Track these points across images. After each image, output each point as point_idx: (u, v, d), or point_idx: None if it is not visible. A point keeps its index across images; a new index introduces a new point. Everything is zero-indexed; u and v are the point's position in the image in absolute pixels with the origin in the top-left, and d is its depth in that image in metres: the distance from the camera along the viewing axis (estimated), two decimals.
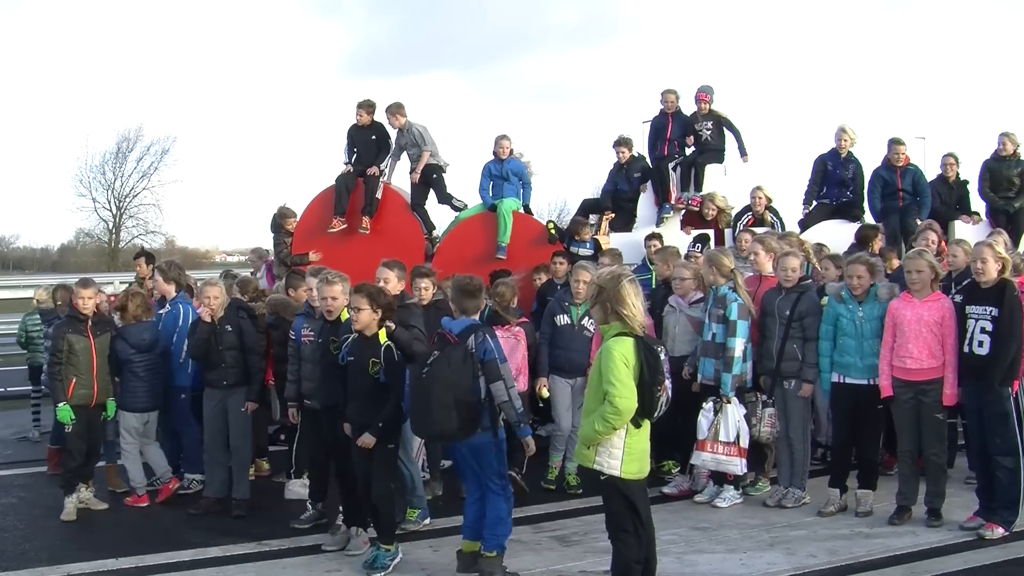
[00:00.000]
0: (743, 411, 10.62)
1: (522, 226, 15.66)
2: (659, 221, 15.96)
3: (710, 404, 10.68)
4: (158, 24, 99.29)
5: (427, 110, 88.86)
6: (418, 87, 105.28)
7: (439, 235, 16.49)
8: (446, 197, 16.21)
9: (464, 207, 16.24)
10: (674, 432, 10.98)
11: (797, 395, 10.69)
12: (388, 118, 16.04)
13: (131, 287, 13.41)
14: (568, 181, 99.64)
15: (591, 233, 15.71)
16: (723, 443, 10.52)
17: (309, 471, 10.80)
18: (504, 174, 15.82)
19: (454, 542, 9.08)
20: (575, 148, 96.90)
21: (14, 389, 18.54)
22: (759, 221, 15.42)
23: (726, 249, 12.40)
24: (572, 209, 21.68)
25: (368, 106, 16.10)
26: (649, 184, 16.29)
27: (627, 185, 16.33)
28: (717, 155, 16.37)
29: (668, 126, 16.38)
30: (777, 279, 10.93)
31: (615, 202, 16.44)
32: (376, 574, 8.82)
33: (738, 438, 10.51)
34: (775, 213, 15.79)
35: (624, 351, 6.98)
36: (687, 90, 16.55)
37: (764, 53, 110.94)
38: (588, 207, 17.31)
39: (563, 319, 11.54)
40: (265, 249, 17.63)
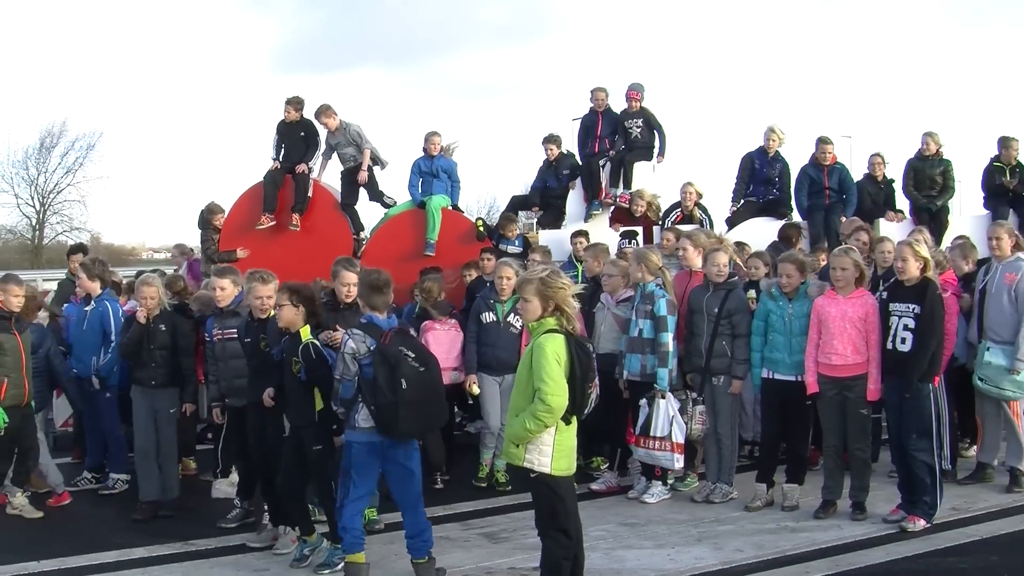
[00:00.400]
0: (677, 405, 10.67)
1: (451, 223, 15.67)
2: (587, 217, 16.02)
3: (644, 400, 10.71)
4: (83, 17, 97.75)
5: (357, 106, 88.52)
6: (348, 83, 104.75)
7: (366, 235, 16.41)
8: (377, 195, 16.19)
9: (393, 204, 16.21)
10: (602, 428, 11.04)
11: (726, 392, 10.78)
12: (319, 120, 15.99)
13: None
14: (497, 178, 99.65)
15: (518, 230, 15.74)
16: (656, 438, 10.56)
17: (236, 469, 10.73)
18: (434, 171, 15.81)
19: (381, 539, 9.09)
20: (505, 145, 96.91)
21: None
22: (688, 218, 15.51)
23: (653, 246, 12.48)
24: (501, 206, 21.67)
25: (296, 102, 16.03)
26: (578, 181, 16.33)
27: (556, 182, 16.34)
28: (646, 152, 16.39)
29: (598, 124, 16.42)
30: (704, 275, 11.01)
31: (544, 199, 16.45)
32: (324, 570, 8.83)
33: (671, 433, 10.56)
34: (704, 210, 15.89)
35: (556, 348, 6.98)
36: (617, 87, 16.63)
37: (693, 51, 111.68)
38: (517, 204, 17.32)
39: (489, 316, 11.56)
40: (189, 246, 17.50)
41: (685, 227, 14.03)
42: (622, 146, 16.28)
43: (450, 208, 15.88)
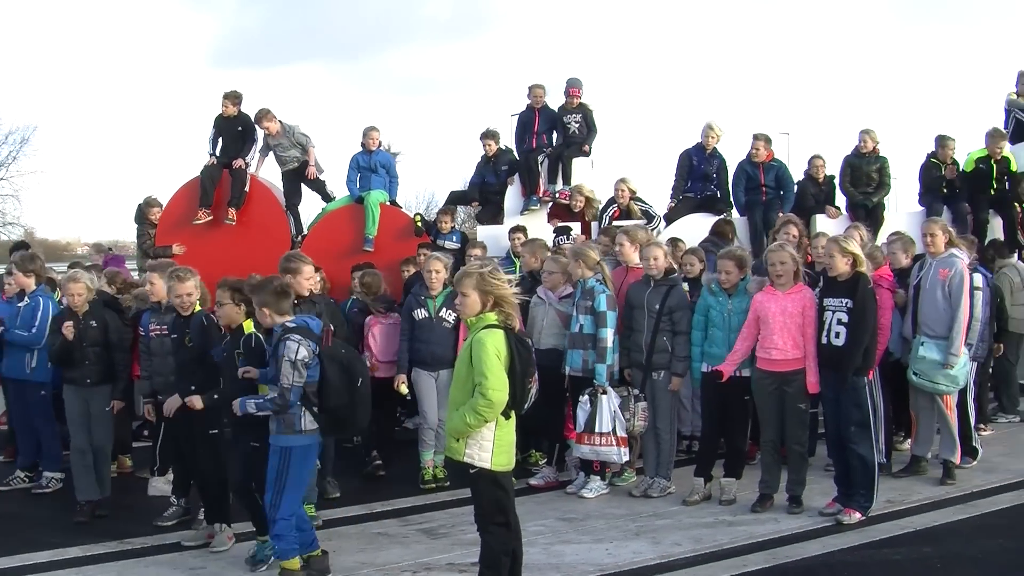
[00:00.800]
0: (618, 401, 10.68)
1: (389, 218, 15.63)
2: (524, 210, 16.05)
3: (586, 397, 10.71)
4: (17, 9, 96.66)
5: (297, 102, 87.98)
6: (288, 78, 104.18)
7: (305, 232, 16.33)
8: (324, 192, 16.18)
9: (332, 198, 16.17)
10: (540, 424, 11.05)
11: (666, 387, 10.80)
12: (260, 124, 15.92)
13: None
14: (436, 173, 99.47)
15: (454, 224, 15.76)
16: (600, 434, 10.56)
17: (173, 467, 10.62)
18: (372, 166, 15.79)
19: (319, 536, 9.03)
20: (444, 140, 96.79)
21: None
22: (625, 213, 15.56)
23: (590, 242, 12.49)
24: (440, 201, 21.66)
25: (234, 97, 15.94)
26: (517, 176, 16.35)
27: (494, 178, 16.37)
28: (584, 147, 16.45)
29: (535, 120, 16.47)
30: (643, 271, 11.04)
31: (482, 194, 16.48)
32: (259, 567, 8.77)
33: (615, 428, 10.57)
34: (642, 202, 15.98)
35: (496, 343, 6.95)
36: (557, 83, 16.67)
37: (633, 48, 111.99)
38: (455, 199, 17.34)
39: (421, 313, 11.48)
40: (106, 245, 17.33)
41: (623, 223, 14.08)
42: (560, 142, 16.32)
43: (388, 203, 15.84)
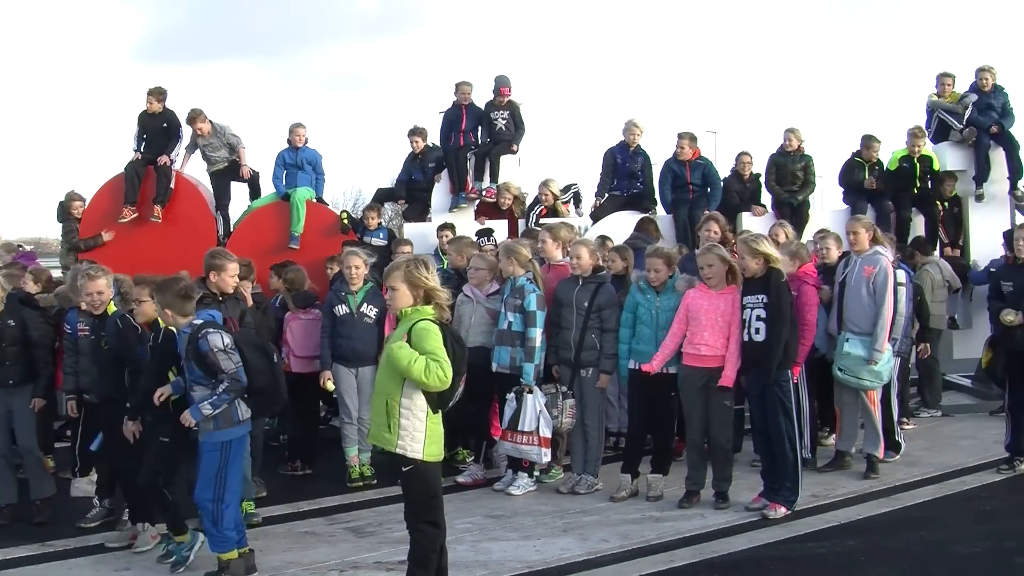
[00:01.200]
0: (545, 399, 10.70)
1: (315, 215, 15.54)
2: (451, 208, 16.03)
3: (512, 394, 10.72)
4: None
5: (223, 98, 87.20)
6: (214, 74, 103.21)
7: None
8: (256, 189, 16.06)
9: (261, 192, 16.08)
10: (467, 421, 11.04)
11: (594, 385, 10.82)
12: (192, 125, 15.79)
13: None
14: (363, 170, 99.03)
15: (380, 220, 15.72)
16: (523, 432, 10.57)
17: (97, 467, 10.46)
18: (298, 163, 15.71)
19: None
20: (371, 137, 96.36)
21: None
22: (552, 212, 15.58)
23: (521, 239, 12.49)
24: (367, 198, 21.57)
25: (158, 93, 15.80)
26: (444, 174, 16.31)
27: (421, 175, 16.35)
28: (512, 146, 16.47)
29: (462, 118, 16.44)
30: (567, 268, 11.06)
31: (409, 192, 16.46)
32: (177, 569, 8.63)
33: (539, 428, 10.58)
34: (574, 195, 16.05)
35: (436, 336, 6.95)
36: (488, 82, 16.65)
37: (562, 46, 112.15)
38: (382, 196, 17.29)
39: (342, 309, 11.38)
40: (15, 244, 17.08)
41: (549, 221, 14.09)
42: (487, 139, 16.31)
43: (315, 201, 15.75)
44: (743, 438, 11.74)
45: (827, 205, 16.87)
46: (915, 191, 16.32)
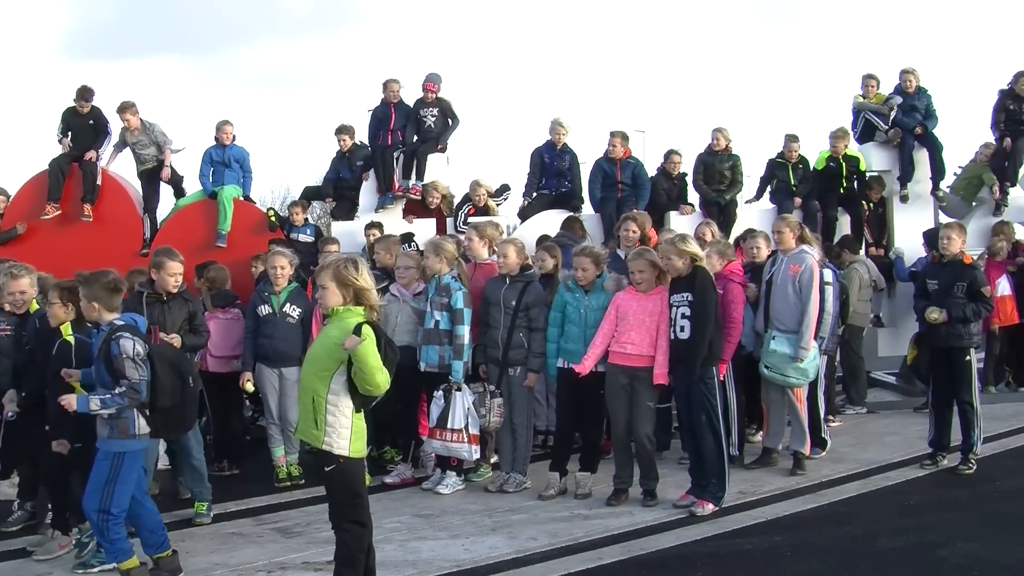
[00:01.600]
0: (473, 397, 10.69)
1: (243, 214, 15.43)
2: (379, 207, 15.96)
3: (440, 392, 10.70)
4: None
5: (152, 94, 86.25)
6: (143, 70, 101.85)
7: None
8: (179, 189, 15.90)
9: (184, 193, 15.92)
10: (394, 420, 10.99)
11: (522, 383, 10.83)
12: (121, 116, 15.56)
13: None
14: (292, 168, 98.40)
15: (306, 216, 15.64)
16: (452, 430, 10.55)
17: (19, 470, 10.28)
18: (226, 160, 15.60)
19: (170, 537, 8.84)
20: (300, 135, 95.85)
21: None
22: (481, 211, 15.57)
23: (447, 237, 12.46)
24: (295, 196, 21.45)
25: (84, 92, 15.56)
26: (372, 172, 16.25)
27: (349, 173, 16.27)
28: (439, 144, 16.43)
29: (391, 116, 16.38)
30: (494, 267, 11.09)
31: (337, 190, 16.36)
32: (79, 570, 8.53)
33: (467, 425, 10.57)
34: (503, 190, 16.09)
35: (369, 335, 6.92)
36: (416, 78, 16.61)
37: (494, 45, 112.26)
38: (310, 195, 17.21)
39: (265, 309, 11.30)
40: None
41: (478, 219, 14.09)
42: (415, 137, 16.26)
43: (242, 199, 15.63)
44: (671, 436, 11.80)
45: (755, 204, 16.96)
46: (841, 191, 16.47)
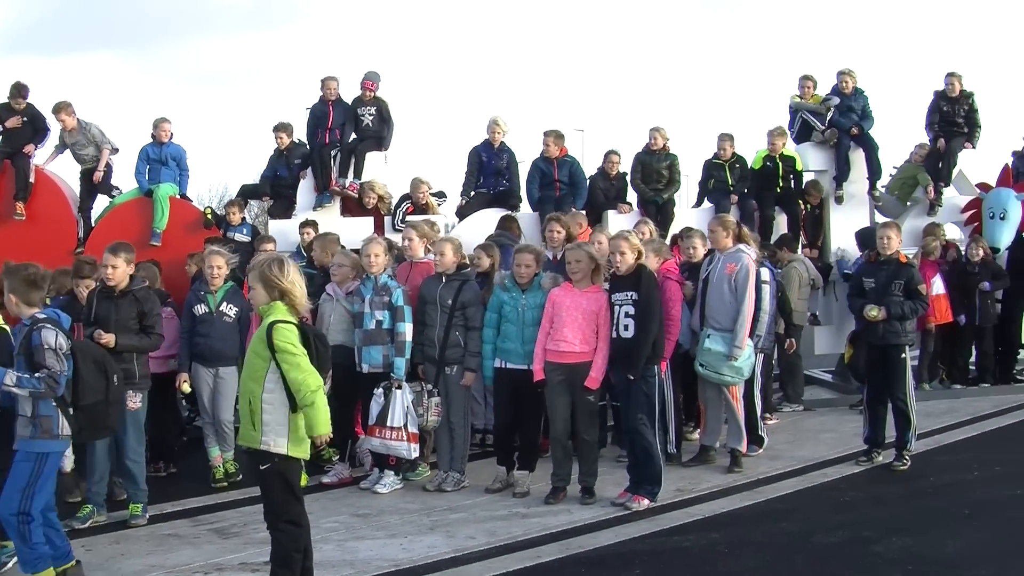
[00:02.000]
0: (412, 396, 10.67)
1: (179, 212, 15.30)
2: (316, 206, 15.89)
3: (380, 390, 10.67)
4: None
5: (88, 91, 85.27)
6: (78, 67, 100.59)
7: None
8: (106, 188, 15.71)
9: (119, 193, 15.75)
10: (332, 420, 10.92)
11: (459, 382, 10.84)
12: (57, 116, 15.35)
13: None
14: (230, 167, 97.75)
15: (241, 215, 15.55)
16: (392, 428, 10.52)
17: None
18: (162, 158, 15.43)
19: (105, 539, 8.76)
20: (238, 133, 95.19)
21: None
22: (420, 209, 15.55)
23: (383, 237, 12.44)
24: (233, 194, 21.33)
25: (18, 89, 15.36)
26: (309, 170, 16.17)
27: (287, 171, 16.19)
28: (378, 142, 16.43)
29: (329, 114, 16.32)
30: (431, 265, 11.11)
31: (274, 188, 16.28)
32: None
33: (406, 424, 10.55)
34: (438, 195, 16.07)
35: (288, 336, 6.93)
36: (354, 77, 16.56)
37: (436, 44, 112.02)
38: (247, 193, 17.12)
39: (201, 308, 11.23)
40: None
41: (416, 218, 14.07)
42: (352, 135, 16.21)
43: (178, 197, 15.49)
44: (607, 433, 11.84)
45: (693, 203, 17.10)
46: (778, 190, 16.61)
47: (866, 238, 14.87)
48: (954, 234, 17.37)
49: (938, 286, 15.04)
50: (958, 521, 9.45)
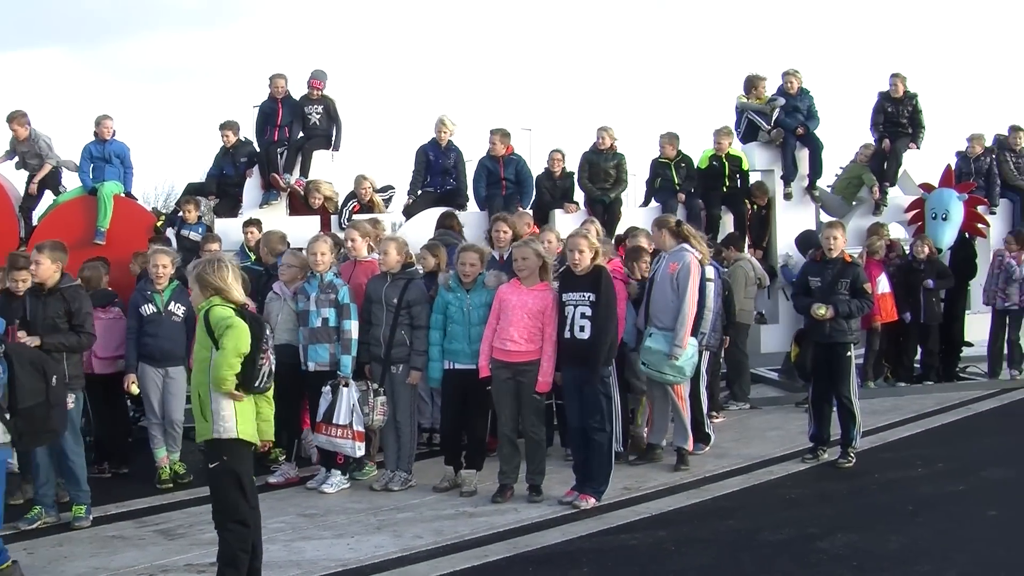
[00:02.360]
0: (358, 395, 10.65)
1: (123, 211, 15.14)
2: (263, 204, 15.80)
3: (328, 387, 10.65)
4: None
5: (33, 87, 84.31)
6: (24, 63, 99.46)
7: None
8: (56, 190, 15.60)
9: (64, 190, 15.60)
10: (277, 419, 10.87)
11: (405, 381, 10.81)
12: (10, 125, 15.17)
13: None
14: (176, 165, 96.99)
15: (197, 214, 15.43)
16: (338, 425, 10.52)
17: None
18: (106, 156, 15.26)
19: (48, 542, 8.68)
20: (185, 131, 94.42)
21: None
22: (366, 206, 15.51)
23: (326, 236, 12.39)
24: (179, 193, 21.16)
25: None
26: (256, 169, 16.08)
27: (233, 169, 16.06)
28: (325, 140, 16.36)
29: (278, 111, 16.24)
30: (375, 264, 11.12)
31: (220, 186, 16.14)
32: None
33: (352, 422, 10.52)
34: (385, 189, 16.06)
35: (221, 313, 7.06)
36: (302, 75, 16.47)
37: (377, 42, 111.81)
38: (193, 191, 16.95)
39: (148, 308, 11.16)
40: None
41: (362, 217, 14.04)
42: (300, 134, 16.14)
43: (123, 195, 15.35)
44: (553, 432, 11.85)
45: (640, 202, 17.15)
46: (724, 189, 16.68)
47: (805, 243, 15.04)
48: (898, 234, 17.53)
49: (883, 285, 15.18)
50: (902, 517, 9.56)
